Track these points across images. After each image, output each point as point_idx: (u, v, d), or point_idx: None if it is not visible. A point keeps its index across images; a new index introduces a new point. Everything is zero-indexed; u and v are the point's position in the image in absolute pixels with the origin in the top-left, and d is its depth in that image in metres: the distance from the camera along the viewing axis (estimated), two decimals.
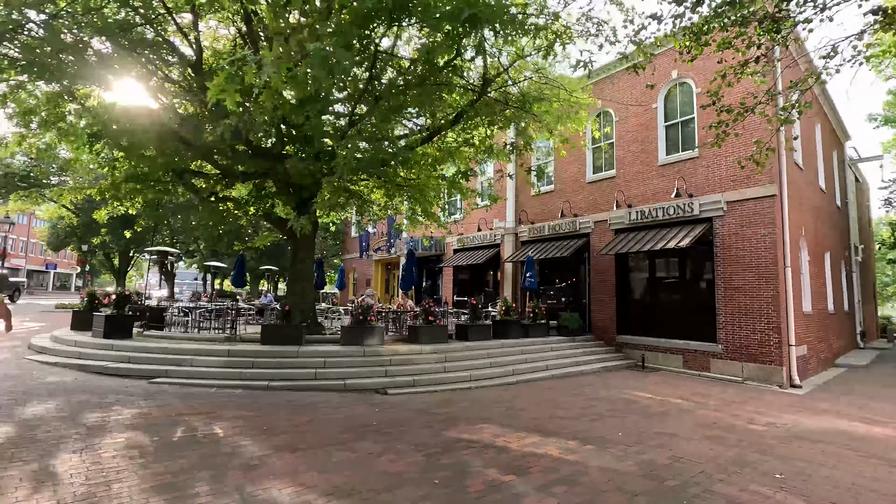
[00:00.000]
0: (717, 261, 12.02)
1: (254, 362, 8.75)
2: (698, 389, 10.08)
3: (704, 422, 7.26)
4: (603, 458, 5.21)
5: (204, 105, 8.15)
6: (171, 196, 10.40)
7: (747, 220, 11.52)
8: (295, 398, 7.47)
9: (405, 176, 11.52)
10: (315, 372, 8.64)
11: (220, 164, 10.11)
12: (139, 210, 11.05)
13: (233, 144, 9.99)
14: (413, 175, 11.83)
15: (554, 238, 16.56)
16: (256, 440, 5.23)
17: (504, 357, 11.07)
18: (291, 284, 11.40)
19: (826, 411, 8.46)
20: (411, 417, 6.64)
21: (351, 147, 7.70)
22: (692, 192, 12.65)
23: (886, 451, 6.08)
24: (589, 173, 15.71)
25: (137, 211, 11.01)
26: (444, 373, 9.57)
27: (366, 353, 9.59)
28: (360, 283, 30.26)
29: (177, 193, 10.59)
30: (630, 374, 11.86)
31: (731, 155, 11.87)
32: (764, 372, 10.94)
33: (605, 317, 14.60)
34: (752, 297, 11.27)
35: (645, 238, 13.17)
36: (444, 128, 9.73)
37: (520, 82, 9.89)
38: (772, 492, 4.48)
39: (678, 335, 12.70)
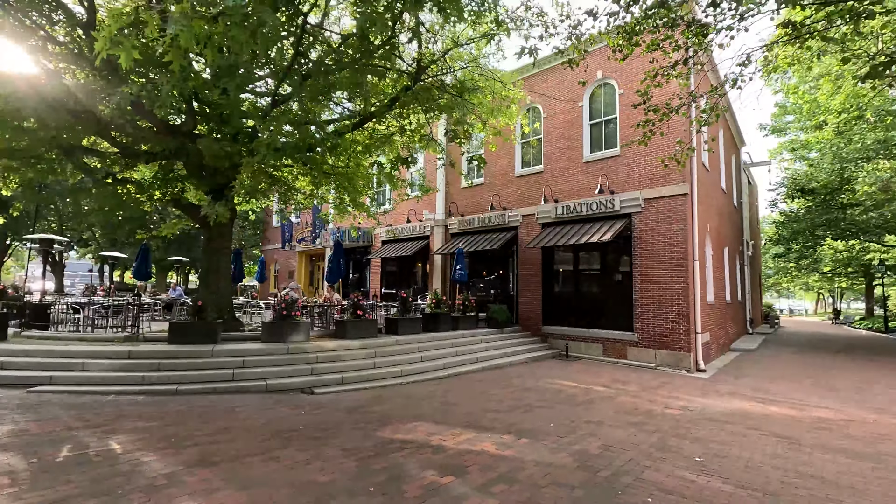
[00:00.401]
0: (635, 254, 12.72)
1: (160, 364, 7.85)
2: (618, 376, 10.60)
3: (626, 408, 7.58)
4: (538, 452, 5.21)
5: (97, 71, 7.07)
6: (57, 176, 9.00)
7: (662, 217, 12.28)
8: (209, 403, 6.78)
9: (333, 163, 10.95)
10: (233, 373, 7.94)
11: (119, 141, 8.92)
12: (14, 191, 9.47)
13: (134, 119, 8.87)
14: (342, 163, 11.28)
15: (483, 231, 16.69)
16: (163, 455, 4.61)
17: (435, 351, 10.94)
18: (205, 277, 10.42)
19: (728, 393, 9.21)
20: (341, 419, 6.26)
21: (274, 129, 7.06)
22: (614, 188, 13.26)
23: (782, 430, 6.68)
24: (518, 167, 15.96)
25: (13, 192, 9.41)
26: (374, 369, 9.23)
27: (290, 351, 8.99)
28: (282, 275, 28.79)
29: (65, 173, 9.20)
30: (555, 364, 12.24)
31: (649, 154, 12.57)
32: (674, 358, 11.77)
33: (531, 308, 14.98)
34: (665, 289, 12.06)
35: (570, 232, 13.62)
36: (376, 114, 9.30)
37: (455, 71, 9.69)
38: (694, 475, 4.70)
39: (599, 325, 13.32)
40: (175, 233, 11.42)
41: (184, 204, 10.27)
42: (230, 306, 10.69)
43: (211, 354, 8.39)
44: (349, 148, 10.68)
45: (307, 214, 26.69)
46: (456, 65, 9.54)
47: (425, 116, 9.72)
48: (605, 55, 13.89)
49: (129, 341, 9.11)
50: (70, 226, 27.09)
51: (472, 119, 10.93)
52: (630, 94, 13.18)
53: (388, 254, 19.49)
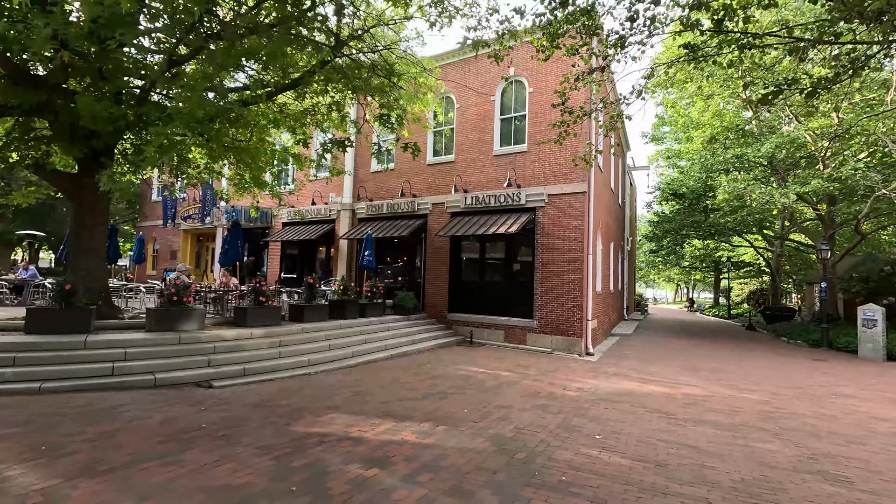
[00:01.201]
0: (538, 247, 13.48)
1: (15, 358, 6.64)
2: (519, 361, 11.22)
3: (531, 392, 8.06)
4: (457, 439, 5.33)
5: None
6: None
7: (563, 212, 13.15)
8: (85, 403, 5.91)
9: (233, 136, 10.05)
10: (112, 366, 6.98)
11: None
12: None
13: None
14: (243, 136, 10.39)
15: (392, 217, 16.52)
16: (33, 467, 3.92)
17: (343, 339, 10.64)
18: (75, 257, 8.99)
19: (615, 375, 10.22)
20: (247, 414, 5.84)
21: (175, 96, 6.23)
22: (521, 182, 13.88)
23: (660, 406, 7.57)
24: (429, 156, 15.99)
25: None
26: (280, 359, 8.73)
27: (182, 341, 8.15)
28: (162, 255, 25.94)
29: None
30: (461, 350, 12.60)
31: (554, 153, 13.33)
32: (568, 343, 12.75)
33: (438, 296, 15.21)
34: (563, 279, 12.97)
35: (479, 222, 14.02)
36: (289, 86, 8.65)
37: (377, 50, 9.36)
38: (597, 452, 5.15)
39: (501, 313, 13.95)
40: (32, 202, 9.67)
41: (48, 170, 8.71)
42: (106, 290, 9.37)
43: (83, 346, 7.29)
44: (254, 121, 9.86)
45: (195, 190, 24.30)
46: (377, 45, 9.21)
47: (350, 95, 9.26)
48: (519, 54, 14.40)
49: None
50: None
51: (400, 103, 10.70)
52: (539, 93, 13.82)
53: (290, 236, 18.49)
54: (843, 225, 18.63)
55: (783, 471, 4.89)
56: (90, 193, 8.99)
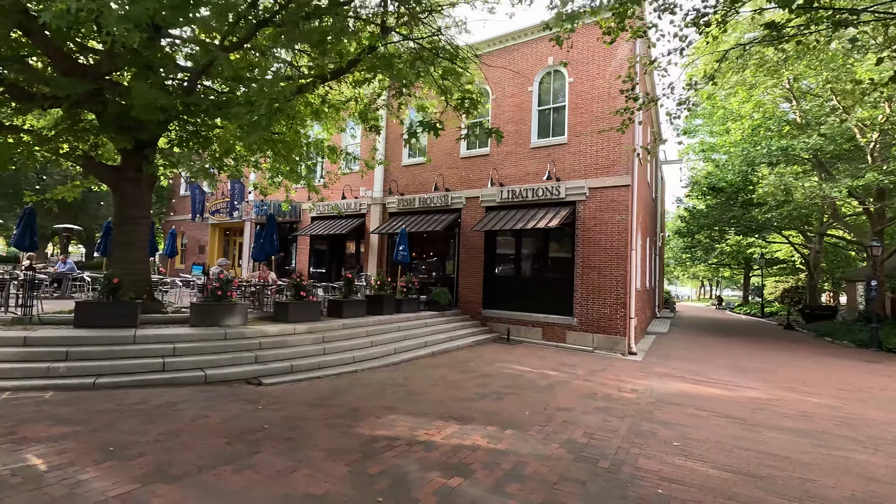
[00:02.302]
0: (578, 242, 13.07)
1: (68, 353, 6.54)
2: (563, 360, 10.87)
3: (586, 393, 7.72)
4: (530, 444, 5.03)
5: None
6: None
7: (605, 206, 12.70)
8: (141, 399, 5.76)
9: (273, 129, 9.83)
10: (163, 362, 6.84)
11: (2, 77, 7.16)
12: None
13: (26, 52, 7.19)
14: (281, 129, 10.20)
15: (424, 212, 16.24)
16: (105, 470, 3.73)
17: (383, 335, 10.41)
18: (118, 250, 8.90)
19: (665, 375, 9.80)
20: (305, 414, 5.62)
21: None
22: (560, 176, 13.46)
23: (725, 410, 7.16)
24: (463, 149, 15.65)
25: None
26: (324, 355, 8.53)
27: (228, 336, 7.99)
28: (190, 249, 26.14)
29: None
30: (499, 348, 12.29)
31: (595, 145, 12.89)
32: (610, 342, 12.34)
33: (472, 291, 14.91)
34: (605, 276, 12.55)
35: (515, 217, 13.65)
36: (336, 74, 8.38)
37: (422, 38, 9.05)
38: (682, 460, 4.80)
39: (539, 310, 13.59)
40: (75, 196, 9.62)
41: (92, 163, 8.62)
42: (149, 284, 9.28)
43: (133, 340, 7.17)
44: (294, 112, 9.64)
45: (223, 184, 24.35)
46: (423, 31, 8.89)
47: (404, 82, 8.95)
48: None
49: (20, 325, 7.52)
50: None
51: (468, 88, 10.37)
52: (580, 82, 13.37)
53: (319, 231, 18.36)
54: (892, 220, 17.78)
55: (889, 485, 4.49)
56: (133, 186, 8.89)
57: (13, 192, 23.45)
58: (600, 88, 12.98)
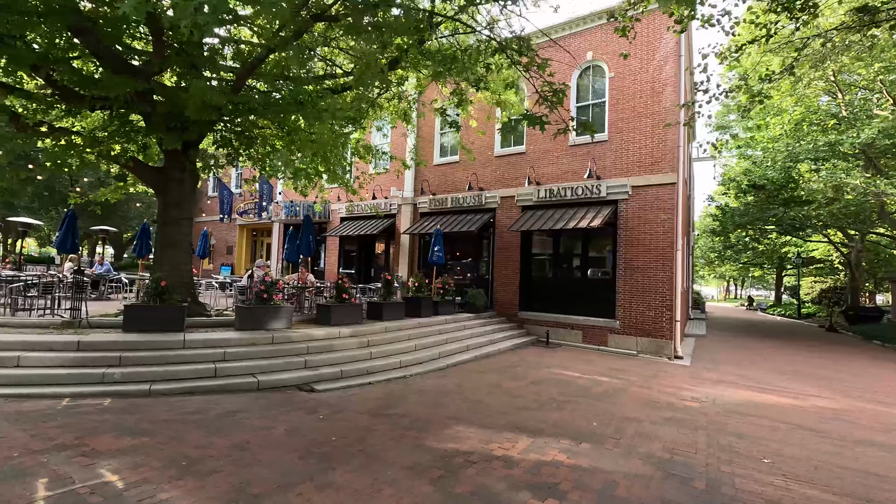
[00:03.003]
0: (620, 242, 12.65)
1: (122, 358, 6.43)
2: (610, 364, 10.49)
3: (646, 401, 7.35)
4: (612, 460, 4.72)
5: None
6: None
7: (649, 205, 12.26)
8: (198, 408, 5.60)
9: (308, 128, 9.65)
10: (215, 367, 6.69)
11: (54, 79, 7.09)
12: None
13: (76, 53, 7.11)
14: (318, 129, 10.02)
15: (457, 211, 15.97)
16: (183, 488, 3.54)
17: (425, 339, 10.18)
18: (162, 252, 8.82)
19: (720, 381, 9.35)
20: (369, 425, 5.38)
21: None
22: (600, 174, 13.06)
23: (802, 421, 6.73)
24: (497, 147, 15.34)
25: None
26: (371, 360, 8.32)
27: (275, 340, 7.84)
28: (218, 250, 26.30)
29: None
30: (540, 351, 11.96)
31: (639, 141, 12.46)
32: (655, 345, 11.91)
33: (507, 293, 14.59)
34: (649, 277, 12.12)
35: (554, 216, 13.29)
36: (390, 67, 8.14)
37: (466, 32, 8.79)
38: (782, 480, 4.44)
39: (579, 312, 13.21)
40: (119, 198, 9.57)
41: (140, 164, 8.54)
42: (192, 286, 9.19)
43: (182, 345, 7.05)
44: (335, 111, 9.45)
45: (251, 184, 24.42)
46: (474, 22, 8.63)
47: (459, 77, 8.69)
48: (597, 37, 13.56)
49: (71, 328, 7.47)
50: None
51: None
52: (621, 77, 12.95)
53: (348, 232, 18.22)
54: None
55: None
56: (177, 187, 8.80)
57: (48, 195, 23.85)
58: (643, 83, 12.55)
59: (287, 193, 20.89)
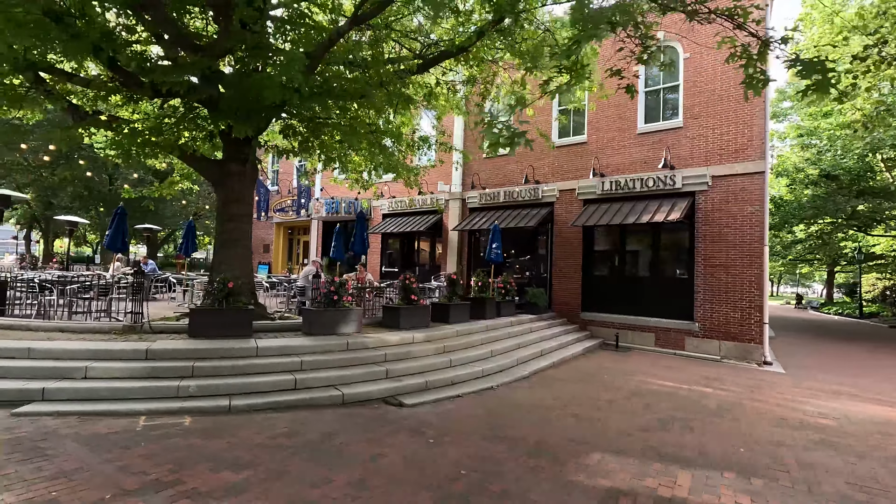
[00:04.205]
0: (698, 237, 11.63)
1: (194, 368, 5.80)
2: (699, 371, 9.54)
3: (771, 417, 6.43)
4: (798, 501, 3.85)
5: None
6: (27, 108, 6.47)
7: (733, 196, 11.21)
8: (289, 426, 4.91)
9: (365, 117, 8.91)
10: (294, 379, 6.02)
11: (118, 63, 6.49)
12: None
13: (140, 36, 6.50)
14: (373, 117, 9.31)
15: (510, 206, 15.12)
16: None
17: (498, 343, 9.39)
18: (222, 251, 8.22)
19: (834, 392, 8.29)
20: (490, 451, 4.61)
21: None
22: (674, 163, 12.04)
23: None
24: (554, 137, 14.41)
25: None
26: (452, 368, 7.56)
27: (350, 346, 7.15)
28: (254, 249, 25.95)
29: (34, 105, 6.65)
30: (614, 356, 11.06)
31: (721, 126, 11.41)
32: (742, 350, 10.88)
33: (568, 293, 13.69)
34: (735, 275, 11.08)
35: (622, 210, 12.33)
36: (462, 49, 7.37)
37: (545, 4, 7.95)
38: None
39: (651, 313, 12.23)
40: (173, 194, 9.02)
41: (198, 156, 7.94)
42: (252, 287, 8.58)
43: (255, 353, 6.40)
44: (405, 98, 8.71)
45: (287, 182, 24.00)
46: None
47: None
48: (671, 16, 12.49)
49: (134, 333, 6.90)
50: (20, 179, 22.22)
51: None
52: (698, 57, 11.89)
53: (392, 229, 17.53)
54: None
55: None
56: (237, 181, 8.19)
57: (87, 194, 23.81)
58: (725, 64, 11.44)
59: (329, 190, 20.31)
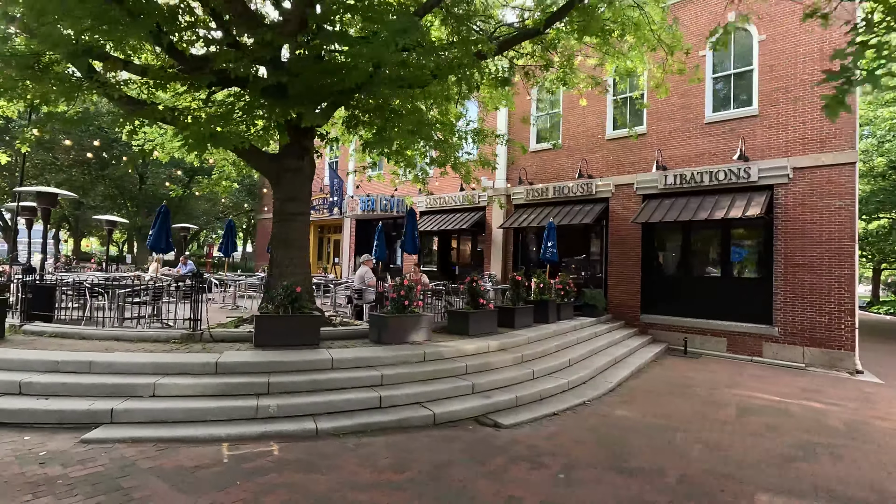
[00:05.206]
0: (777, 234, 10.72)
1: (269, 384, 5.19)
2: (793, 382, 8.69)
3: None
4: None
5: None
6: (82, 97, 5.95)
7: (819, 190, 10.28)
8: (392, 458, 4.26)
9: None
10: (379, 396, 5.37)
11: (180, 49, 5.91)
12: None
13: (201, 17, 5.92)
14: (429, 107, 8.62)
15: (561, 202, 14.34)
16: None
17: (571, 351, 8.65)
18: (279, 251, 7.64)
19: None
20: (634, 490, 3.89)
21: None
22: (748, 154, 11.13)
23: None
24: (609, 128, 13.59)
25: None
26: (535, 381, 6.84)
27: (427, 357, 6.49)
28: None
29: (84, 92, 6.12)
30: (686, 363, 10.25)
31: (804, 113, 10.48)
32: (829, 357, 9.97)
33: (626, 294, 12.87)
34: (821, 276, 10.16)
35: (689, 205, 11.47)
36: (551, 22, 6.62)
37: None
38: None
39: (722, 316, 11.35)
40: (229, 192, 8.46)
41: (255, 150, 7.34)
42: (311, 290, 7.99)
43: (331, 366, 5.78)
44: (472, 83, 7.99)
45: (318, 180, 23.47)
46: None
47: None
48: None
49: (194, 342, 6.34)
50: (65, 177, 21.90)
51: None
52: (776, 39, 10.96)
53: (431, 227, 16.87)
54: None
55: None
56: (294, 177, 7.61)
57: (118, 193, 23.62)
58: (808, 45, 10.53)
59: (364, 187, 19.72)
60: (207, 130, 5.18)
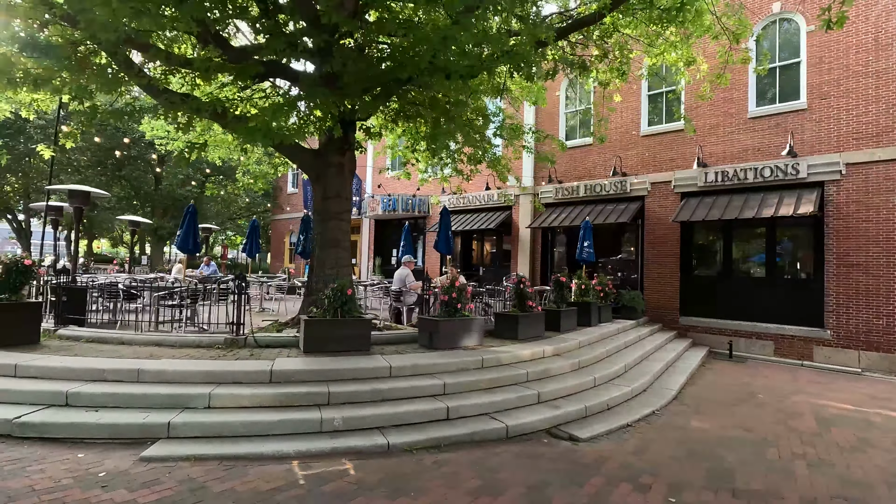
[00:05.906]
0: (829, 233, 10.25)
1: (329, 394, 4.81)
2: (856, 388, 8.24)
3: None
4: None
5: None
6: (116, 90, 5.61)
7: (876, 187, 9.81)
8: (476, 478, 3.86)
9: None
10: (447, 408, 4.97)
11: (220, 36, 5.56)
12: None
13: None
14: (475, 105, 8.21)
15: (592, 201, 13.91)
16: None
17: (623, 356, 8.23)
18: (321, 252, 7.28)
19: None
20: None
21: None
22: (797, 150, 10.67)
23: None
24: (644, 125, 13.16)
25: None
26: (597, 389, 6.43)
27: (485, 364, 6.10)
28: None
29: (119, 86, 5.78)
30: (735, 367, 9.81)
31: (859, 106, 10.02)
32: (889, 362, 9.49)
33: (664, 296, 12.43)
34: (878, 277, 9.68)
35: (733, 204, 11.02)
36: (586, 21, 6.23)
37: None
38: None
39: (769, 318, 10.89)
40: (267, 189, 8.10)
41: (298, 145, 6.98)
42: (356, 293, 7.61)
43: (389, 373, 5.40)
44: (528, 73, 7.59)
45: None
46: None
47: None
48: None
49: (238, 348, 5.98)
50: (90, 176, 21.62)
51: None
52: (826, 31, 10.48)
53: (457, 226, 16.46)
54: None
55: None
56: (336, 173, 7.23)
57: (134, 193, 23.38)
58: (862, 35, 10.07)
59: (387, 186, 19.38)
60: (265, 125, 4.81)
